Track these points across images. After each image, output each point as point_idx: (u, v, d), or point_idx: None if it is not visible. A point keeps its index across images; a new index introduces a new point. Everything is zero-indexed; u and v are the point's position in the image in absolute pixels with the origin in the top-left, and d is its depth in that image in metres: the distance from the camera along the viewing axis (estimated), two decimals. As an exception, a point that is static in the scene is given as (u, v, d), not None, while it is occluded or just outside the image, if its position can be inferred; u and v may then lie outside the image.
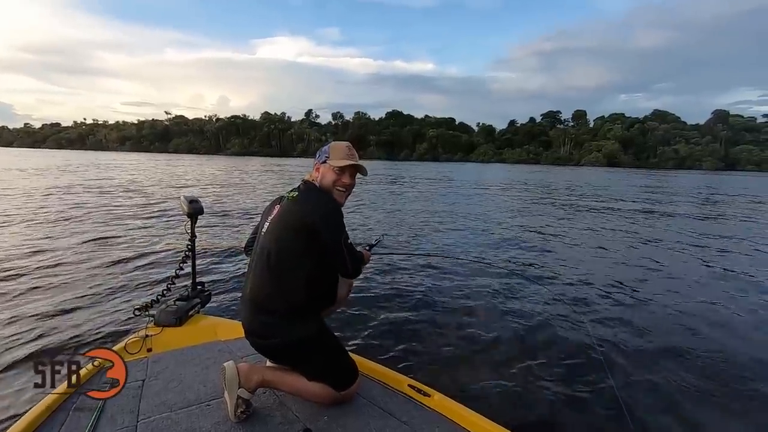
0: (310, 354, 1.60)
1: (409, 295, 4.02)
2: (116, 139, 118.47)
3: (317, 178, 1.75)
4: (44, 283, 3.99)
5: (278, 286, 1.57)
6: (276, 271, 1.58)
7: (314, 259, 1.60)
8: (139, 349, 2.06)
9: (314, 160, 1.81)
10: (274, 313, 1.57)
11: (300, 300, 1.57)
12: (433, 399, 1.68)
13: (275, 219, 1.66)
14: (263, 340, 1.62)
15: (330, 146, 1.78)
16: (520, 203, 13.40)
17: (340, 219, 1.63)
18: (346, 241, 1.60)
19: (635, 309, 3.87)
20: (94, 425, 1.47)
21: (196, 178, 20.52)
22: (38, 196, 11.12)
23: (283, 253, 1.58)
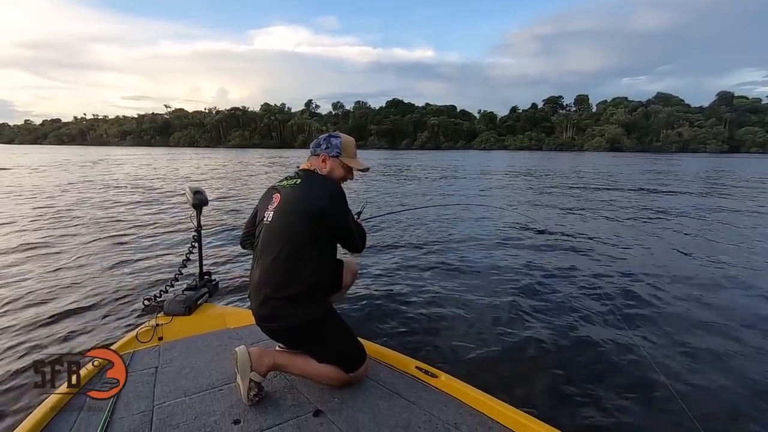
0: (318, 337, 1.63)
1: (414, 280, 4.06)
2: (117, 133, 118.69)
3: (323, 168, 1.77)
4: (54, 279, 4.05)
5: (288, 272, 1.59)
6: (286, 257, 1.60)
7: (323, 244, 1.63)
8: (151, 338, 2.11)
9: (314, 148, 1.81)
10: (284, 299, 1.60)
11: (309, 284, 1.60)
12: (440, 380, 1.72)
13: (280, 207, 1.67)
14: (274, 324, 1.65)
15: (342, 141, 1.79)
16: (526, 191, 13.36)
17: (345, 200, 1.68)
18: (352, 219, 1.68)
19: (649, 297, 3.88)
20: (111, 410, 1.51)
21: (200, 172, 20.56)
22: (44, 193, 11.19)
23: (293, 239, 1.60)
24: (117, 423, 1.46)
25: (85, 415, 1.51)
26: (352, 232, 1.68)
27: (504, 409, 1.51)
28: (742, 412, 2.17)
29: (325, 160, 1.77)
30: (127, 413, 1.52)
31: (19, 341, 2.76)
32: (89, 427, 1.43)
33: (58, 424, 1.45)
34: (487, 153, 66.78)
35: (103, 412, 1.49)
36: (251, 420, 1.49)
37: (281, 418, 1.50)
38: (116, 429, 1.44)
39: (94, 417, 1.48)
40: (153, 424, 1.46)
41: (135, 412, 1.53)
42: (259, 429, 1.44)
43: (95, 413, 1.49)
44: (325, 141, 1.79)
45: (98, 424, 1.43)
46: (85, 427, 1.43)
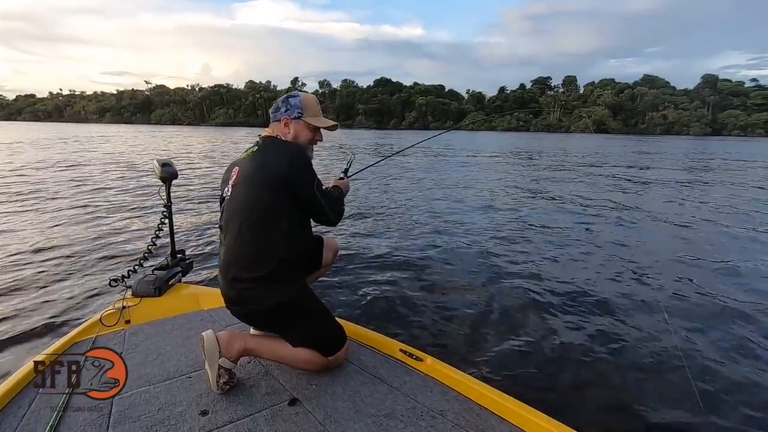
0: (292, 318, 1.51)
1: (399, 257, 3.96)
2: (95, 110, 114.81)
3: (287, 134, 1.60)
4: (12, 259, 3.82)
5: (253, 250, 1.45)
6: (248, 234, 1.45)
7: (288, 215, 1.47)
8: (116, 321, 1.95)
9: (273, 113, 1.64)
10: (252, 280, 1.46)
11: (277, 262, 1.46)
12: (426, 363, 1.62)
13: (237, 181, 1.51)
14: (243, 308, 1.52)
15: (301, 100, 1.61)
16: (515, 172, 13.33)
17: (309, 163, 1.52)
18: (319, 186, 1.50)
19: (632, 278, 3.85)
20: (65, 402, 1.37)
21: (179, 149, 19.97)
22: (12, 171, 10.70)
23: (253, 213, 1.44)
24: (71, 417, 1.32)
25: (36, 408, 1.36)
26: (318, 201, 1.50)
27: (492, 394, 1.42)
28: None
29: (287, 123, 1.59)
30: (84, 405, 1.38)
31: None
32: (38, 424, 1.28)
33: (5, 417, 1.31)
34: (475, 133, 66.63)
35: (56, 406, 1.35)
36: (220, 411, 1.36)
37: (253, 408, 1.38)
38: (70, 422, 1.30)
39: (45, 412, 1.34)
40: (111, 417, 1.33)
41: (92, 403, 1.39)
42: (229, 421, 1.32)
43: (48, 407, 1.35)
44: (284, 103, 1.61)
45: (48, 421, 1.29)
46: (34, 422, 1.29)
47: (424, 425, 1.31)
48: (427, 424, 1.32)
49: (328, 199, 1.54)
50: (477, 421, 1.34)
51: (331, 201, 1.56)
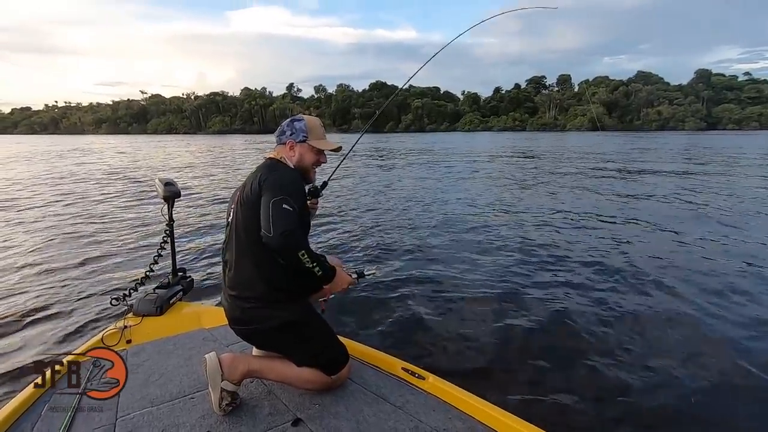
0: (295, 338, 1.52)
1: (400, 276, 3.92)
2: (91, 121, 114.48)
3: (292, 157, 1.63)
4: (15, 277, 3.83)
5: (253, 268, 1.48)
6: (248, 252, 1.49)
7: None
8: (118, 341, 1.96)
9: (278, 136, 1.67)
10: (254, 299, 1.48)
11: (279, 281, 1.48)
12: (428, 381, 1.63)
13: (239, 203, 1.54)
14: (246, 327, 1.54)
15: (306, 124, 1.65)
16: (513, 174, 13.35)
17: (290, 182, 1.49)
18: (279, 203, 1.37)
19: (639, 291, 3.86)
20: (68, 425, 1.38)
21: (180, 160, 19.96)
22: (10, 187, 10.68)
23: (248, 234, 1.47)
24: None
25: (41, 426, 1.37)
26: (267, 208, 1.37)
27: (495, 412, 1.43)
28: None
29: (293, 147, 1.63)
30: (86, 427, 1.39)
31: None
32: None
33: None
34: (472, 135, 66.67)
35: (59, 429, 1.35)
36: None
37: (257, 429, 1.39)
38: None
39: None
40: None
41: (96, 426, 1.40)
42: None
43: (51, 428, 1.36)
44: (289, 127, 1.65)
45: None
46: None
47: None
48: None
49: (281, 217, 1.35)
50: None
51: (283, 220, 1.35)
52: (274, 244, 1.35)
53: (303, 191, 1.57)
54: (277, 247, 1.35)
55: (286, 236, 1.34)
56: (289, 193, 1.42)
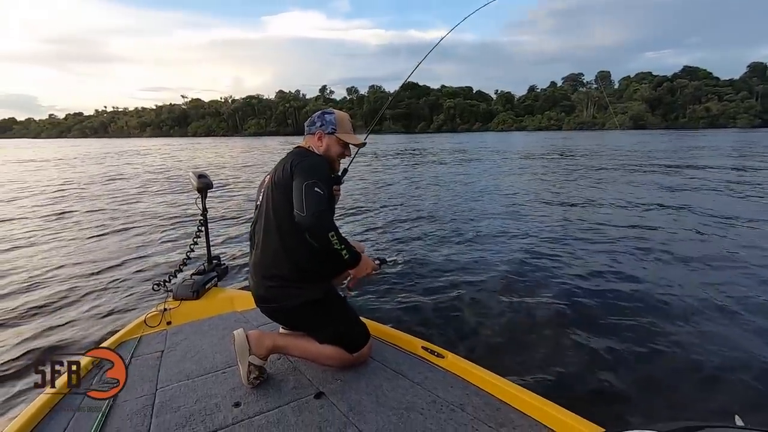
0: (317, 317, 1.60)
1: (423, 259, 4.01)
2: (137, 125, 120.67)
3: (320, 147, 1.72)
4: (68, 265, 4.17)
5: (280, 248, 1.57)
6: (276, 233, 1.58)
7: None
8: (159, 322, 2.12)
9: (308, 126, 1.76)
10: (279, 278, 1.58)
11: (304, 261, 1.57)
12: (447, 359, 1.67)
13: (266, 188, 1.65)
14: (271, 305, 1.63)
15: (336, 117, 1.74)
16: (547, 173, 13.05)
17: (320, 168, 1.57)
18: (312, 185, 1.45)
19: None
20: (114, 394, 1.52)
21: (214, 159, 20.77)
22: (66, 184, 11.49)
23: (278, 213, 1.57)
24: (119, 407, 1.47)
25: (85, 406, 1.51)
26: (298, 189, 1.46)
27: (512, 389, 1.45)
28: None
29: (321, 137, 1.72)
30: (130, 396, 1.53)
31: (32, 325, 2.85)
32: (92, 410, 1.43)
33: (56, 416, 1.45)
34: (505, 134, 65.52)
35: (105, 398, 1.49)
36: (251, 403, 1.47)
37: (282, 401, 1.48)
38: (118, 412, 1.44)
39: (98, 401, 1.48)
40: (155, 407, 1.47)
41: (138, 395, 1.54)
42: (259, 411, 1.42)
43: (95, 401, 1.50)
44: (320, 118, 1.74)
45: (101, 407, 1.44)
46: (88, 410, 1.44)
47: (444, 418, 1.36)
48: (446, 417, 1.37)
49: (313, 198, 1.43)
50: (497, 415, 1.37)
51: (315, 201, 1.42)
52: (307, 223, 1.41)
53: (330, 177, 1.66)
54: (309, 226, 1.41)
55: (318, 216, 1.40)
56: (320, 178, 1.49)
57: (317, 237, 1.43)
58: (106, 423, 1.38)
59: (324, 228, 1.43)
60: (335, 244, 1.45)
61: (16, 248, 4.84)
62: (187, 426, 1.36)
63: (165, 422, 1.38)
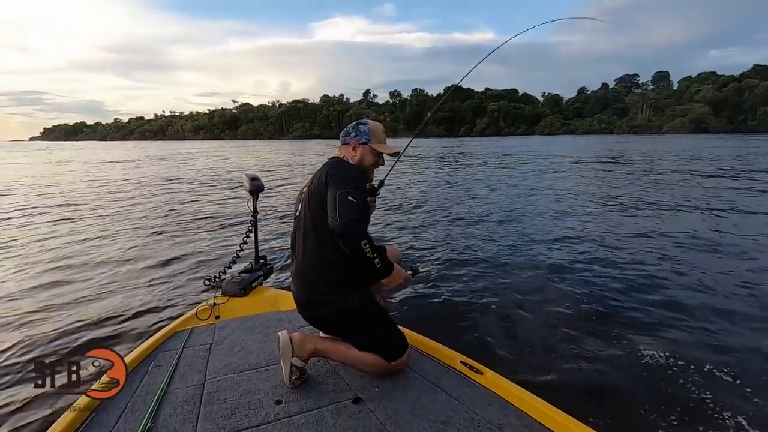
0: (356, 324, 1.63)
1: (465, 271, 3.93)
2: (191, 128, 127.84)
3: (354, 157, 1.76)
4: (130, 258, 4.48)
5: (317, 257, 1.61)
6: (313, 242, 1.62)
7: None
8: (209, 316, 2.24)
9: (343, 137, 1.80)
10: (317, 286, 1.62)
11: (340, 270, 1.59)
12: (486, 377, 1.64)
13: (307, 197, 1.69)
14: (311, 312, 1.68)
15: (369, 127, 1.78)
16: (598, 179, 12.48)
17: (354, 177, 1.60)
18: (345, 194, 1.47)
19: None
20: (168, 380, 1.62)
21: (263, 161, 21.57)
22: (127, 183, 12.37)
23: (315, 222, 1.61)
24: (172, 393, 1.57)
25: (146, 382, 1.62)
26: (334, 199, 1.47)
27: (552, 412, 1.40)
28: None
29: (355, 147, 1.76)
30: (182, 385, 1.63)
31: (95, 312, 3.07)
32: (148, 396, 1.53)
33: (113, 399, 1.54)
34: (551, 138, 63.32)
35: (161, 383, 1.60)
36: (292, 402, 1.51)
37: (321, 403, 1.51)
38: (171, 398, 1.54)
39: (154, 386, 1.59)
40: (203, 397, 1.55)
41: (188, 384, 1.63)
42: (299, 411, 1.46)
43: (155, 383, 1.61)
44: (354, 129, 1.78)
45: (156, 392, 1.54)
46: (144, 394, 1.54)
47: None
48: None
49: (345, 207, 1.45)
50: None
51: (348, 209, 1.45)
52: (339, 230, 1.44)
53: (365, 187, 1.70)
54: (342, 233, 1.45)
55: (350, 224, 1.43)
56: (354, 187, 1.52)
57: (349, 244, 1.46)
58: (160, 408, 1.48)
59: (356, 235, 1.45)
60: (367, 253, 1.47)
61: (87, 240, 5.28)
62: (233, 418, 1.42)
63: (212, 412, 1.45)
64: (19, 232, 5.90)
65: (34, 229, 6.01)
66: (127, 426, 1.38)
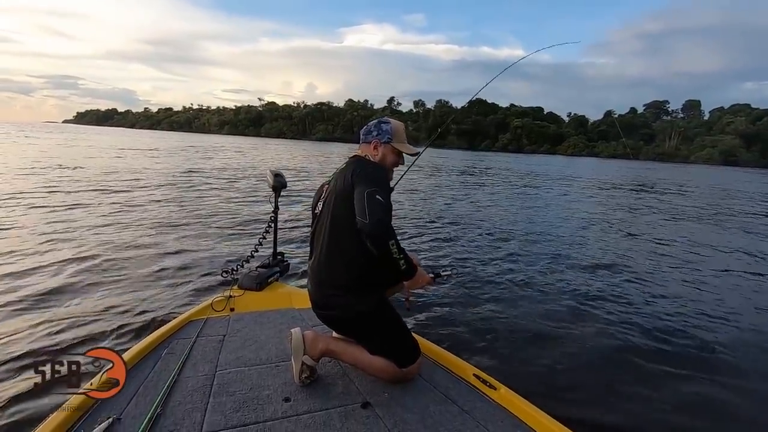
0: (370, 328, 1.61)
1: (484, 282, 3.90)
2: (217, 123, 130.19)
3: (375, 156, 1.75)
4: (153, 248, 4.56)
5: (338, 257, 1.59)
6: (335, 242, 1.60)
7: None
8: (224, 307, 2.25)
9: (365, 135, 1.79)
10: (335, 287, 1.60)
11: (362, 272, 1.58)
12: (499, 392, 1.60)
13: (329, 196, 1.67)
14: (326, 312, 1.67)
15: (392, 126, 1.76)
16: (623, 204, 12.24)
17: (381, 177, 1.60)
18: (374, 193, 1.46)
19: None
20: (180, 368, 1.64)
21: (287, 160, 21.84)
22: (152, 173, 12.65)
23: (338, 221, 1.59)
24: (183, 381, 1.58)
25: (158, 368, 1.64)
26: (362, 198, 1.45)
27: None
28: None
29: (377, 146, 1.74)
30: (193, 374, 1.64)
31: (116, 300, 3.13)
32: (159, 382, 1.55)
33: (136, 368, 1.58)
34: (575, 159, 62.49)
35: (172, 371, 1.61)
36: (301, 400, 1.51)
37: (330, 404, 1.50)
38: (181, 386, 1.55)
39: (165, 373, 1.60)
40: (213, 387, 1.55)
41: (200, 373, 1.64)
42: (307, 411, 1.45)
43: (166, 370, 1.62)
44: (376, 127, 1.76)
45: (167, 378, 1.55)
46: (156, 379, 1.56)
47: None
48: None
49: (375, 206, 1.43)
50: None
51: (377, 209, 1.43)
52: (369, 230, 1.42)
53: (390, 186, 1.69)
54: (371, 233, 1.43)
55: (380, 223, 1.42)
56: (381, 186, 1.52)
57: (378, 244, 1.45)
58: (170, 394, 1.49)
59: (385, 235, 1.44)
60: (394, 253, 1.46)
61: (105, 226, 5.41)
62: (240, 411, 1.42)
63: (221, 404, 1.45)
64: (40, 216, 6.04)
65: (55, 214, 6.10)
66: (137, 409, 1.39)
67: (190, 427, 1.33)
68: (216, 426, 1.34)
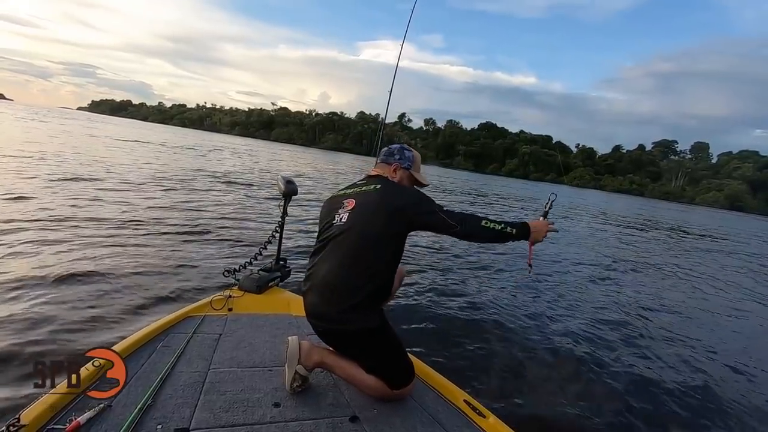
0: (369, 346, 1.61)
1: (482, 305, 3.90)
2: (228, 123, 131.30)
3: (394, 177, 1.82)
4: (156, 246, 4.55)
5: (363, 269, 1.57)
6: (351, 255, 1.58)
7: (396, 246, 1.63)
8: (222, 306, 2.26)
9: (386, 156, 1.86)
10: (344, 301, 1.56)
11: (375, 289, 1.58)
12: (488, 421, 1.58)
13: (358, 210, 1.64)
14: (325, 325, 1.64)
15: (413, 155, 1.88)
16: (628, 240, 12.21)
17: (420, 194, 1.69)
18: (435, 211, 1.59)
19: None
20: (174, 362, 1.65)
21: (298, 167, 21.94)
22: (162, 173, 12.74)
23: (370, 235, 1.58)
24: (176, 376, 1.59)
25: (152, 361, 1.65)
26: (435, 214, 1.58)
27: None
28: None
29: (397, 170, 1.82)
30: (186, 369, 1.64)
31: (120, 296, 3.12)
32: (152, 373, 1.56)
33: (129, 360, 1.57)
34: (580, 190, 62.53)
35: (166, 365, 1.62)
36: (290, 407, 1.51)
37: (318, 414, 1.50)
38: (174, 380, 1.56)
39: (159, 365, 1.62)
40: (204, 385, 1.56)
41: (193, 370, 1.65)
42: (296, 418, 1.45)
43: (160, 363, 1.63)
44: (399, 152, 1.85)
45: (161, 371, 1.56)
46: (148, 374, 1.56)
47: None
48: None
49: (446, 216, 1.58)
50: None
51: (449, 216, 1.58)
52: (467, 230, 1.56)
53: None
54: (470, 230, 1.57)
55: (464, 220, 1.57)
56: (429, 201, 1.63)
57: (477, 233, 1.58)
58: (162, 387, 1.49)
59: (474, 221, 1.58)
60: (495, 227, 1.57)
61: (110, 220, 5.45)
62: (230, 412, 1.42)
63: (211, 402, 1.46)
64: (44, 208, 6.11)
65: (63, 206, 6.16)
66: (128, 398, 1.39)
67: (179, 421, 1.34)
68: (204, 423, 1.35)
